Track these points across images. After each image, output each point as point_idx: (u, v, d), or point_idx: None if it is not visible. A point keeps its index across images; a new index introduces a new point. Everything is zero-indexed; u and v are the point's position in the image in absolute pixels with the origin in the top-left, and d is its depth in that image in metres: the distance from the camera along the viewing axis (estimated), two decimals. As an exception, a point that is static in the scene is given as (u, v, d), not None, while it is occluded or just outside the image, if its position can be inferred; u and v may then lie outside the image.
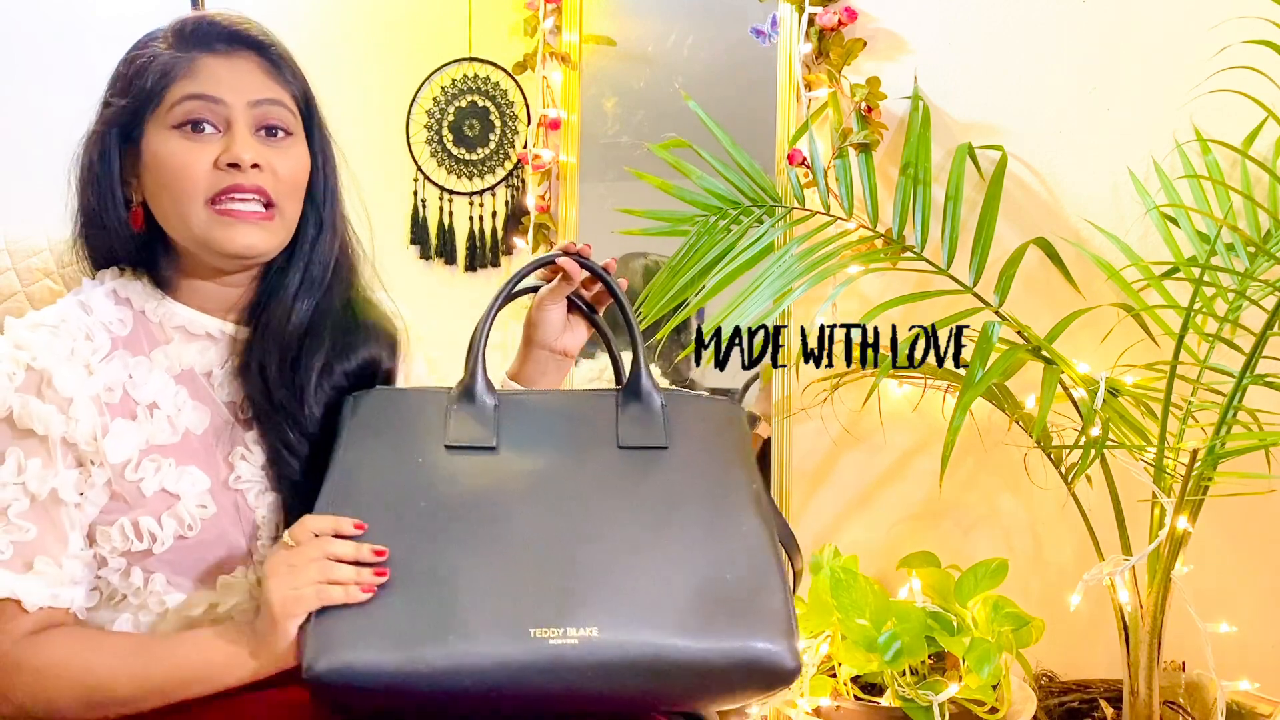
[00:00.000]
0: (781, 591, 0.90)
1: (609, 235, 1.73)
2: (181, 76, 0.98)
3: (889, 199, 1.51)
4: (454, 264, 2.01)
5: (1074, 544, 1.49)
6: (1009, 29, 1.54)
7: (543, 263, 1.09)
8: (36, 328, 0.98)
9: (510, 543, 0.90)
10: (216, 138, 0.98)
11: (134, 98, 0.98)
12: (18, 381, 0.94)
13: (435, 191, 2.04)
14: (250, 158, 0.97)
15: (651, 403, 1.00)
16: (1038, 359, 1.23)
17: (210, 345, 1.04)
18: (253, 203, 0.98)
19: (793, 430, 1.65)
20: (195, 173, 0.97)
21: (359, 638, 0.84)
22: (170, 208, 0.99)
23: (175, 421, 1.00)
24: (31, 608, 0.92)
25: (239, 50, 1.00)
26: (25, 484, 0.93)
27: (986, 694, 1.21)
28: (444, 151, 2.03)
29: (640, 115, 1.86)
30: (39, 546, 0.93)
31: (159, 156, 0.98)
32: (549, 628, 0.84)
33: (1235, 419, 1.19)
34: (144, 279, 1.04)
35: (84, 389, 0.96)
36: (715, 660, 0.85)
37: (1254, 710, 1.29)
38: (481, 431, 0.97)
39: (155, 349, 1.02)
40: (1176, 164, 1.43)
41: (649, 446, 0.98)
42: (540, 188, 1.91)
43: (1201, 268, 1.22)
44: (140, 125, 0.99)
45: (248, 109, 0.99)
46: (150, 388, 1.00)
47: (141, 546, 0.96)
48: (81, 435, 0.95)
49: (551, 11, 1.87)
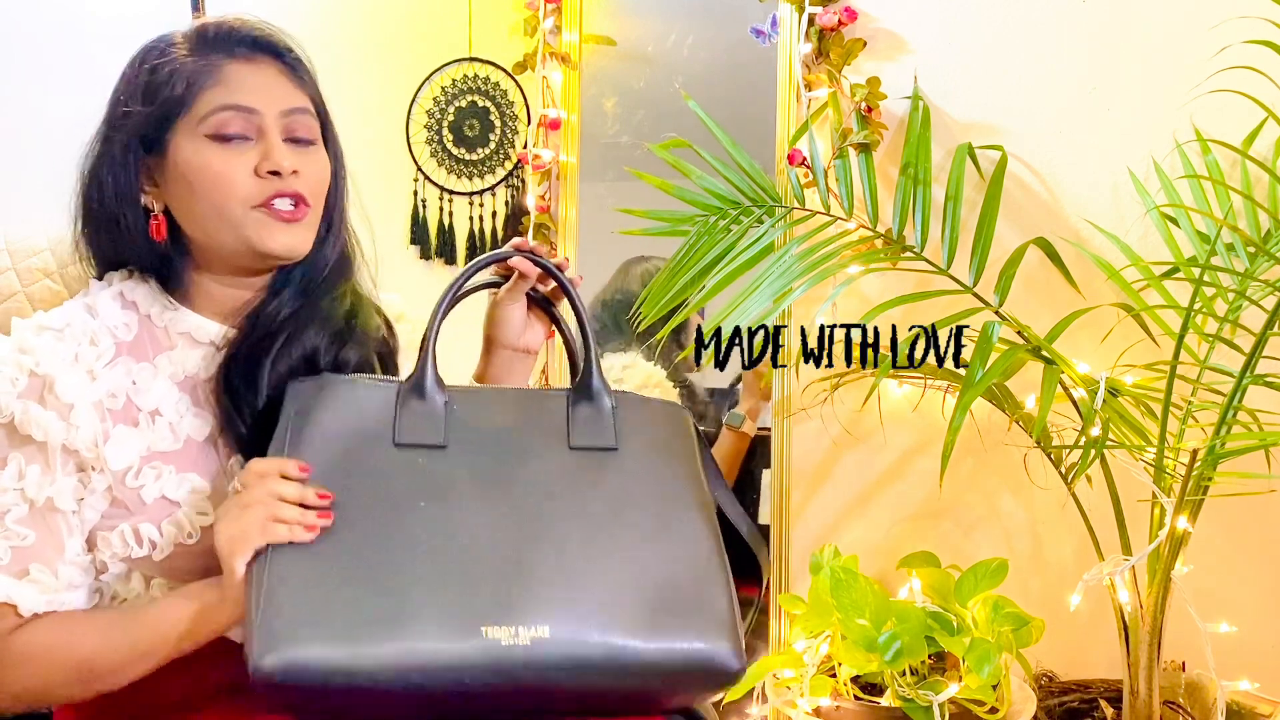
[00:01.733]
0: (726, 594, 0.91)
1: (609, 235, 1.73)
2: (210, 85, 0.99)
3: (889, 199, 1.51)
4: (454, 264, 2.02)
5: (1074, 544, 1.49)
6: (1009, 29, 1.54)
7: (495, 259, 1.10)
8: (41, 331, 0.98)
9: (460, 540, 0.89)
10: (250, 145, 0.99)
11: (159, 105, 0.99)
12: (20, 387, 0.95)
13: (435, 191, 2.04)
14: (290, 165, 0.99)
15: (601, 403, 1.01)
16: (1038, 359, 1.23)
17: (214, 353, 1.04)
18: (289, 205, 1.00)
19: (793, 430, 1.65)
20: (235, 180, 0.98)
21: (307, 631, 0.82)
22: (208, 214, 0.99)
23: (177, 429, 1.00)
24: (26, 613, 0.93)
25: (262, 56, 1.02)
26: (24, 490, 0.94)
27: (986, 694, 1.21)
28: (444, 151, 2.03)
29: (640, 115, 1.86)
30: (36, 553, 0.94)
31: (193, 165, 0.98)
32: (501, 626, 0.84)
33: (1235, 419, 1.19)
34: (151, 282, 1.05)
35: (86, 395, 0.96)
36: (661, 661, 0.87)
37: (1254, 710, 1.29)
38: (431, 429, 0.96)
39: (160, 355, 1.02)
40: (1176, 164, 1.43)
41: (599, 448, 0.98)
42: (540, 188, 1.91)
43: (1201, 268, 1.22)
44: (165, 133, 0.99)
45: (279, 118, 1.00)
46: (153, 395, 1.00)
47: (142, 553, 0.96)
48: (82, 441, 0.95)
49: (551, 11, 1.87)
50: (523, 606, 0.86)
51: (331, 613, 0.84)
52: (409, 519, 0.90)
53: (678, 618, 0.88)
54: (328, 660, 0.82)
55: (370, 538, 0.89)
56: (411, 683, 0.83)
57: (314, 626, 0.83)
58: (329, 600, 0.85)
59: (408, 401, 0.97)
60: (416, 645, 0.83)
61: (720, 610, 0.90)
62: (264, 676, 0.82)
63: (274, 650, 0.82)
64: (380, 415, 0.97)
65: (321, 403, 0.97)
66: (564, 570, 0.89)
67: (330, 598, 0.85)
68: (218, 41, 1.01)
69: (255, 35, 1.02)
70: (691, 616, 0.89)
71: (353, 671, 0.82)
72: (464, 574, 0.87)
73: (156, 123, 0.99)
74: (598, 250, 1.89)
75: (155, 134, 1.00)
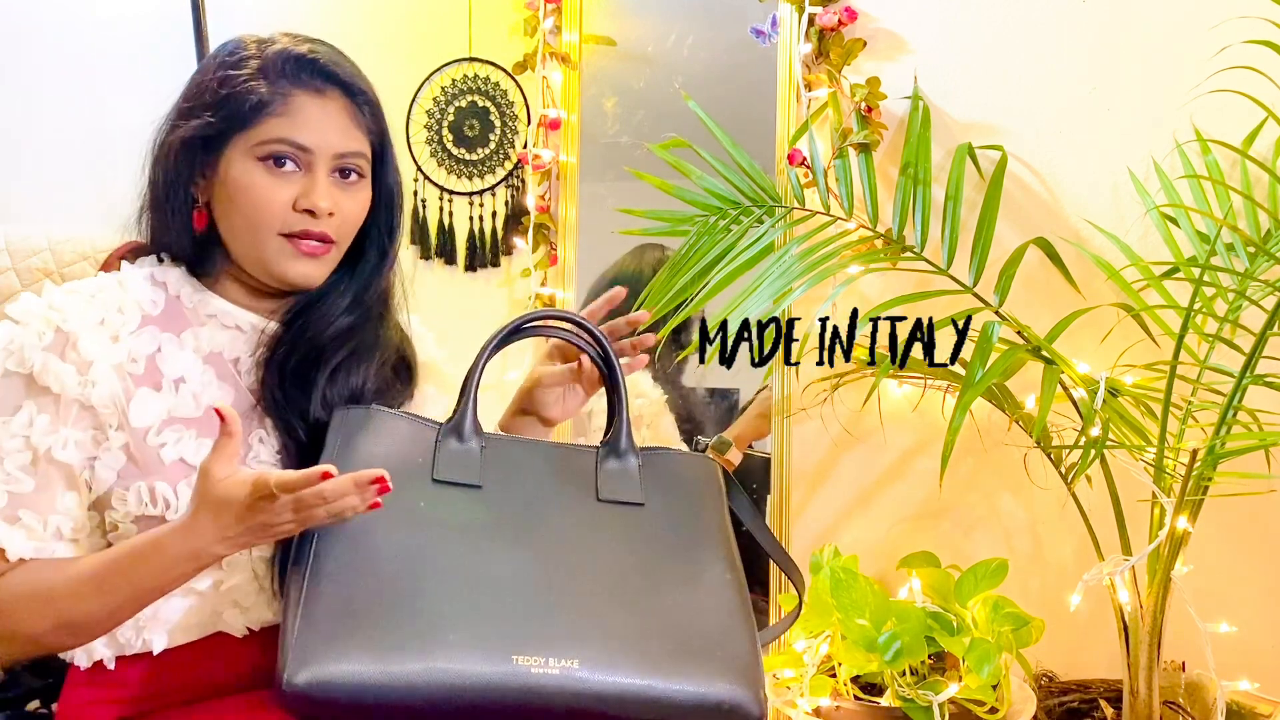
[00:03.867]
0: (749, 640, 0.95)
1: (609, 235, 1.73)
2: (276, 114, 1.01)
3: (889, 199, 1.51)
4: (454, 264, 2.02)
5: (1074, 544, 1.49)
6: (1009, 29, 1.54)
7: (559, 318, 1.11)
8: (72, 293, 1.02)
9: (493, 575, 0.91)
10: (297, 176, 1.02)
11: (224, 119, 1.02)
12: (45, 341, 0.98)
13: (435, 191, 2.04)
14: (326, 206, 1.02)
15: (628, 463, 1.04)
16: (1038, 359, 1.23)
17: (240, 336, 1.07)
18: (315, 243, 1.04)
19: (793, 430, 1.65)
20: (273, 208, 1.02)
21: (340, 649, 0.84)
22: (242, 230, 1.03)
23: (199, 397, 1.03)
24: (12, 557, 0.95)
25: (330, 90, 1.04)
26: (29, 438, 0.96)
27: (986, 694, 1.21)
28: (444, 151, 2.03)
29: (640, 115, 1.86)
30: (31, 500, 0.96)
31: (239, 183, 1.02)
32: (531, 655, 0.86)
33: (1235, 419, 1.19)
34: (182, 268, 1.08)
35: (107, 356, 0.99)
36: (683, 701, 0.89)
37: (1254, 710, 1.29)
38: (467, 469, 0.99)
39: (185, 330, 1.05)
40: (1176, 164, 1.43)
41: (626, 502, 1.01)
42: (540, 188, 1.91)
43: (1201, 268, 1.22)
44: (222, 144, 1.03)
45: (331, 159, 1.04)
46: (178, 363, 1.03)
47: (155, 512, 0.98)
48: (98, 398, 0.97)
49: (551, 11, 1.87)
50: (553, 638, 0.88)
51: (366, 633, 0.85)
52: (443, 551, 0.92)
53: (701, 662, 0.91)
54: (358, 677, 0.83)
55: (405, 565, 0.90)
56: (439, 703, 0.84)
57: (348, 645, 0.84)
58: (362, 620, 0.86)
59: (446, 441, 1.01)
60: (449, 667, 0.84)
61: (742, 656, 0.93)
62: (295, 690, 0.83)
63: (306, 666, 0.83)
64: (420, 451, 1.00)
65: (367, 432, 1.00)
66: (593, 611, 0.91)
67: (363, 618, 0.86)
68: (291, 67, 1.03)
69: (329, 69, 1.04)
70: (715, 662, 0.91)
71: (382, 689, 0.83)
72: (496, 606, 0.89)
73: (217, 132, 1.02)
74: (598, 250, 1.89)
75: (213, 140, 1.03)
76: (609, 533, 0.98)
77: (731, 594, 0.97)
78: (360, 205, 1.07)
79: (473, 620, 0.87)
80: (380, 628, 0.86)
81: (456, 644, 0.85)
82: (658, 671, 0.89)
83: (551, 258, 1.90)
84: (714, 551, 1.00)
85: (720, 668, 0.91)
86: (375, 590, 0.88)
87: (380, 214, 1.11)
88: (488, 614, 0.88)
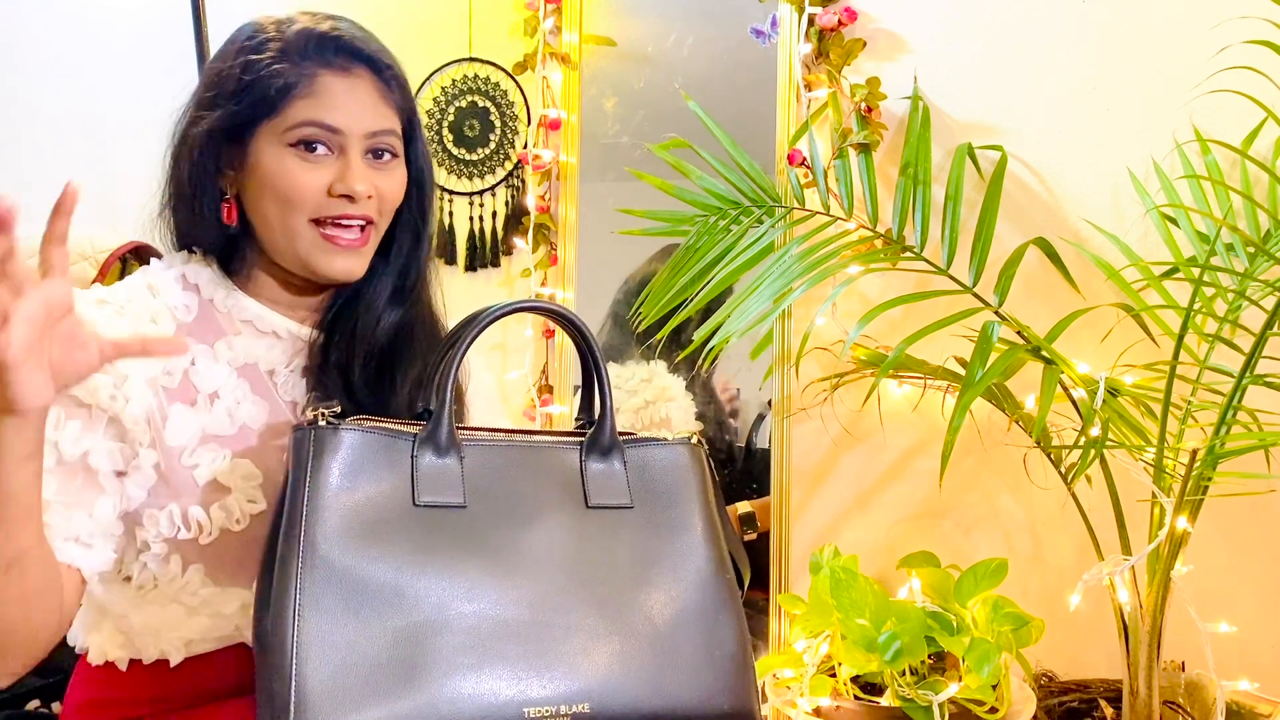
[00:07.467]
0: (739, 644, 0.97)
1: (609, 235, 1.73)
2: (302, 95, 0.98)
3: (889, 199, 1.51)
4: (454, 264, 2.01)
5: (1074, 544, 1.49)
6: (1009, 29, 1.54)
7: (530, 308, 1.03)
8: (102, 304, 0.98)
9: (493, 619, 0.89)
10: (330, 160, 0.99)
11: (250, 107, 0.99)
12: None
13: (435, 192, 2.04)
14: (364, 190, 0.99)
15: (614, 465, 1.02)
16: (1038, 359, 1.23)
17: (276, 343, 1.04)
18: (354, 229, 1.00)
19: (793, 430, 1.65)
20: (307, 193, 0.98)
21: (343, 703, 0.82)
22: (276, 219, 1.00)
23: (234, 414, 1.00)
24: None
25: (358, 68, 1.01)
26: (58, 442, 0.92)
27: (986, 694, 1.21)
28: (444, 152, 2.03)
29: (640, 115, 1.86)
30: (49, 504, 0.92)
31: (270, 170, 0.98)
32: (543, 707, 0.88)
33: (1235, 419, 1.19)
34: (214, 266, 1.05)
35: (141, 370, 0.96)
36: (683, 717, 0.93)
37: (1254, 710, 1.29)
38: (450, 488, 0.93)
39: (219, 340, 1.02)
40: (1176, 164, 1.43)
41: (616, 506, 1.00)
42: (540, 188, 1.91)
43: (1201, 268, 1.22)
44: (251, 130, 0.99)
45: (363, 139, 1.00)
46: (213, 378, 1.00)
47: (188, 535, 0.95)
48: (130, 415, 0.94)
49: (551, 12, 1.87)
50: (561, 686, 0.89)
51: (370, 684, 0.83)
52: (438, 607, 0.88)
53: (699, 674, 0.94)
54: None
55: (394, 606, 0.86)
56: None
57: (352, 697, 0.83)
58: (367, 671, 0.84)
59: (423, 455, 0.93)
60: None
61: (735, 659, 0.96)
62: None
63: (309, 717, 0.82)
64: (397, 475, 0.92)
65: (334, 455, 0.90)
66: (594, 647, 0.91)
67: (368, 668, 0.84)
68: (314, 47, 0.99)
69: (354, 46, 1.00)
70: (710, 672, 0.95)
71: None
72: (499, 659, 0.88)
73: (244, 121, 0.99)
74: (599, 250, 1.89)
75: (239, 130, 0.99)
76: (598, 544, 0.97)
77: (725, 600, 0.99)
78: (398, 185, 1.04)
79: (480, 678, 0.87)
80: (384, 678, 0.84)
81: (464, 703, 0.85)
82: (659, 697, 0.92)
83: (551, 258, 1.90)
84: (702, 551, 1.00)
85: (714, 676, 0.94)
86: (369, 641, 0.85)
87: (412, 195, 1.07)
88: (493, 670, 0.87)
